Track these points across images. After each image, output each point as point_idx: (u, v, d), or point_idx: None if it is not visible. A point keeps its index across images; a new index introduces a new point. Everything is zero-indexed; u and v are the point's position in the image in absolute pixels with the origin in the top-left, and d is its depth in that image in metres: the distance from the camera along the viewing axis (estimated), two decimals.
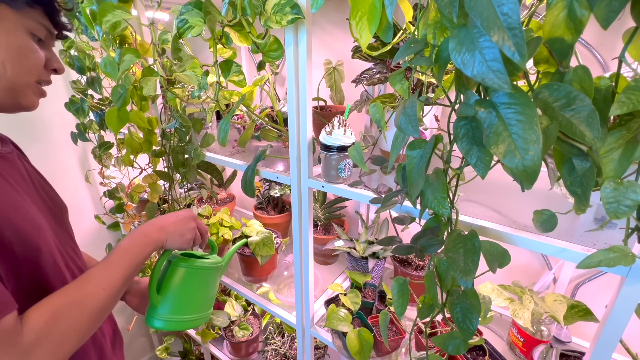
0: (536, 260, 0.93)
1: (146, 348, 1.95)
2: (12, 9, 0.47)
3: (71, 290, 0.47)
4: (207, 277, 0.68)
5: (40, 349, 0.41)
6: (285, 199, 1.34)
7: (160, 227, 0.59)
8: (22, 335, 0.40)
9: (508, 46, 0.27)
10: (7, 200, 0.47)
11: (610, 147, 0.35)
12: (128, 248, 0.54)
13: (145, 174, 1.16)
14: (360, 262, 0.99)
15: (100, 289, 0.48)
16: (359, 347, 0.79)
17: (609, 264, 0.36)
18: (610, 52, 0.71)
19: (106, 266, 0.51)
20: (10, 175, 0.52)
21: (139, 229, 0.58)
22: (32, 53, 0.50)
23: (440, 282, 0.50)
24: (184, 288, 0.65)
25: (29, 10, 0.49)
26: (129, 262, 0.53)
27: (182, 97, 0.90)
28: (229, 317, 1.34)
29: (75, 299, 0.46)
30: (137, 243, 0.55)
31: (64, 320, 0.44)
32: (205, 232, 0.67)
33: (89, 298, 0.47)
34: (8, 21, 0.47)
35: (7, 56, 0.47)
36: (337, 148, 0.67)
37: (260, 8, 0.60)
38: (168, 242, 0.59)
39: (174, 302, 0.64)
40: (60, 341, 0.43)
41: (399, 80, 0.49)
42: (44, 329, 0.42)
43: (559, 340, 0.77)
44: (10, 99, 0.50)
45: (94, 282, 0.49)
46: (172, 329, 0.64)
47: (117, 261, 0.52)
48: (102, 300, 0.48)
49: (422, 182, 0.44)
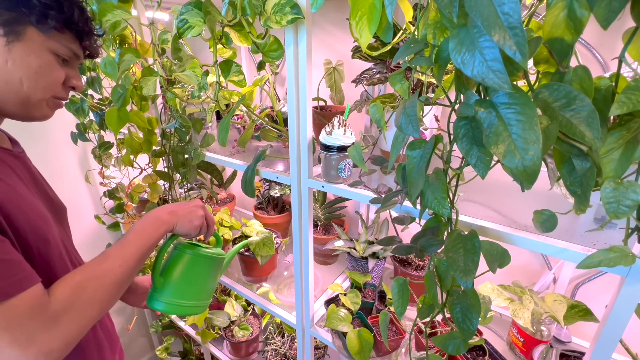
0: (536, 260, 0.93)
1: (146, 348, 1.95)
2: (39, 32, 0.49)
3: (90, 266, 0.51)
4: (209, 267, 0.70)
5: (67, 316, 0.45)
6: (285, 199, 1.34)
7: (172, 211, 0.62)
8: (50, 304, 0.44)
9: (509, 46, 0.27)
10: (20, 194, 0.49)
11: (610, 147, 0.35)
12: (142, 229, 0.57)
13: (145, 174, 1.16)
14: (360, 262, 0.99)
15: (117, 265, 0.52)
16: (359, 347, 0.79)
17: (609, 264, 0.36)
18: (610, 52, 0.71)
19: (122, 246, 0.55)
20: (21, 172, 0.55)
21: (151, 213, 0.61)
22: (51, 72, 0.52)
23: (440, 282, 0.50)
24: (186, 274, 0.66)
25: (56, 34, 0.51)
26: (143, 242, 0.56)
27: (182, 97, 0.90)
28: (229, 317, 1.34)
29: (95, 273, 0.50)
30: (150, 225, 0.58)
31: (86, 291, 0.48)
32: (213, 222, 0.69)
33: (107, 273, 0.51)
34: (33, 42, 0.49)
35: (26, 74, 0.49)
36: (337, 148, 0.67)
37: (260, 8, 0.60)
38: (177, 226, 0.62)
39: (176, 286, 0.66)
40: (83, 309, 0.47)
41: (399, 80, 0.49)
42: (69, 299, 0.46)
43: (559, 340, 0.77)
44: (24, 111, 0.53)
45: (111, 259, 0.52)
46: (171, 312, 0.66)
47: (131, 241, 0.55)
48: (118, 275, 0.52)
49: (422, 182, 0.44)
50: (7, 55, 0.47)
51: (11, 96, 0.50)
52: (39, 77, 0.50)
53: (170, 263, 0.66)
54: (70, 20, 0.51)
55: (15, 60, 0.48)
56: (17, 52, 0.48)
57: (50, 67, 0.51)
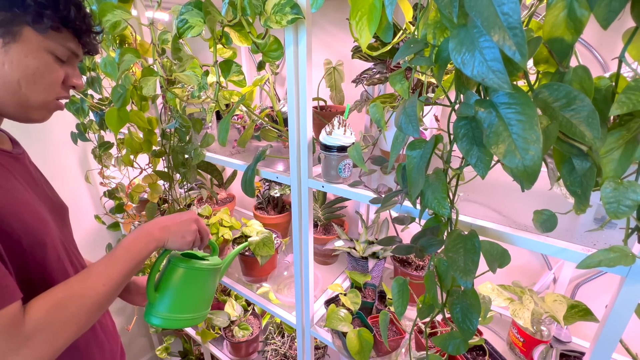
0: (536, 260, 0.93)
1: (146, 348, 1.95)
2: (35, 32, 0.48)
3: (73, 283, 0.49)
4: (205, 278, 0.68)
5: (39, 338, 0.43)
6: (285, 199, 1.34)
7: (163, 227, 0.60)
8: (23, 324, 0.42)
9: (509, 46, 0.27)
10: (17, 197, 0.49)
11: (610, 147, 0.35)
12: (130, 245, 0.56)
13: (145, 174, 1.16)
14: (360, 262, 0.99)
15: (100, 285, 0.50)
16: (359, 347, 0.79)
17: (609, 264, 0.36)
18: (610, 52, 0.71)
19: (108, 262, 0.53)
20: (20, 174, 0.54)
21: (142, 227, 0.59)
22: (50, 73, 0.51)
23: (440, 282, 0.50)
24: (182, 288, 0.65)
25: (53, 34, 0.50)
26: (131, 259, 0.54)
27: (182, 97, 0.90)
28: (229, 317, 1.34)
29: (76, 292, 0.48)
30: (140, 240, 0.57)
31: (64, 312, 0.46)
32: (207, 234, 0.68)
33: (88, 292, 0.49)
34: (29, 43, 0.48)
35: (24, 75, 0.49)
36: (337, 148, 0.67)
37: (260, 8, 0.60)
38: (169, 242, 0.60)
39: (172, 300, 0.64)
40: (58, 331, 0.45)
41: (399, 80, 0.49)
42: (44, 319, 0.44)
43: (559, 340, 0.77)
44: (23, 113, 0.52)
45: (95, 277, 0.50)
46: (169, 326, 0.65)
47: (119, 257, 0.54)
48: (101, 294, 0.50)
49: (422, 182, 0.44)
50: (4, 57, 0.47)
51: (9, 98, 0.49)
52: (37, 79, 0.50)
53: (164, 277, 0.65)
54: (67, 19, 0.50)
55: (12, 62, 0.47)
56: (14, 53, 0.47)
57: (48, 67, 0.51)
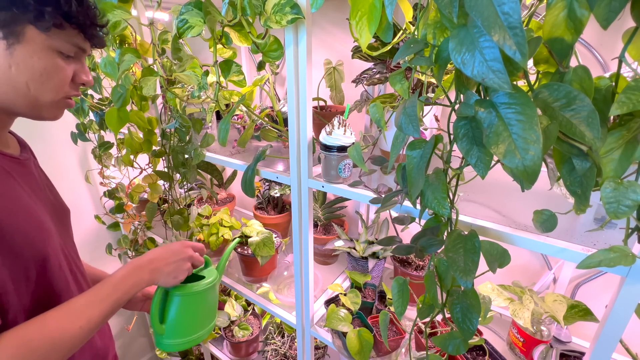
0: (536, 260, 0.93)
1: (146, 348, 1.95)
2: (39, 31, 0.47)
3: (49, 322, 0.47)
4: (205, 297, 0.70)
5: None
6: (285, 199, 1.34)
7: (154, 269, 0.60)
8: None
9: (509, 45, 0.27)
10: (20, 206, 0.48)
11: (610, 147, 0.35)
12: (119, 283, 0.55)
13: (145, 174, 1.16)
14: (360, 262, 0.99)
15: (77, 327, 0.48)
16: (359, 347, 0.79)
17: (609, 264, 0.36)
18: (610, 52, 0.71)
19: (92, 299, 0.52)
20: (25, 180, 0.53)
21: (133, 264, 0.59)
22: (57, 73, 0.50)
23: (440, 282, 0.50)
24: (185, 314, 0.67)
25: (57, 31, 0.49)
26: (115, 300, 0.54)
27: (182, 97, 0.90)
28: (229, 317, 1.34)
29: (50, 334, 0.46)
30: (129, 280, 0.57)
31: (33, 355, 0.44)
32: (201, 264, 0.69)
33: (64, 335, 0.47)
34: (34, 42, 0.47)
35: (31, 77, 0.48)
36: (337, 148, 0.67)
37: (260, 8, 0.60)
38: (160, 283, 0.62)
39: (178, 327, 0.67)
40: None
41: (399, 80, 0.49)
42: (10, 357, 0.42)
43: (559, 340, 0.77)
44: (35, 112, 0.52)
45: (73, 316, 0.49)
46: (182, 349, 0.67)
47: (103, 296, 0.53)
48: (76, 338, 0.48)
49: (422, 182, 0.44)
50: (10, 59, 0.46)
51: (20, 100, 0.49)
52: (45, 79, 0.49)
53: (165, 308, 0.67)
54: (69, 14, 0.48)
55: (18, 65, 0.47)
56: (19, 55, 0.46)
57: (55, 67, 0.50)
